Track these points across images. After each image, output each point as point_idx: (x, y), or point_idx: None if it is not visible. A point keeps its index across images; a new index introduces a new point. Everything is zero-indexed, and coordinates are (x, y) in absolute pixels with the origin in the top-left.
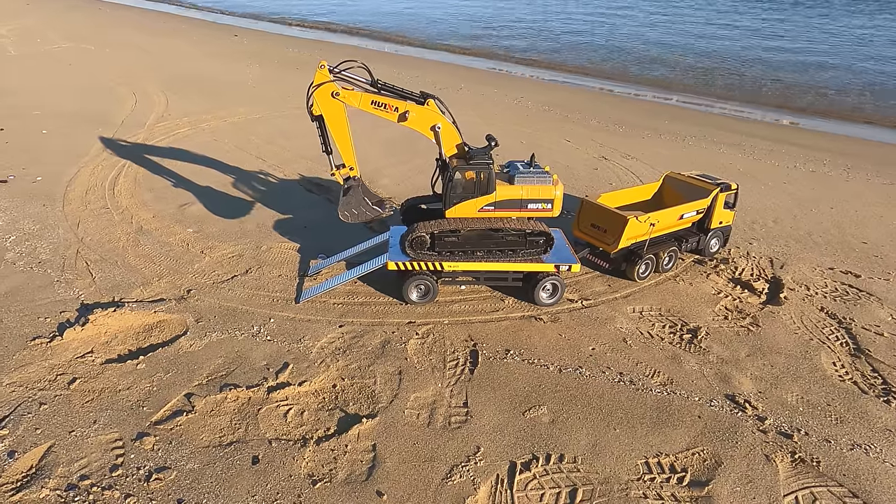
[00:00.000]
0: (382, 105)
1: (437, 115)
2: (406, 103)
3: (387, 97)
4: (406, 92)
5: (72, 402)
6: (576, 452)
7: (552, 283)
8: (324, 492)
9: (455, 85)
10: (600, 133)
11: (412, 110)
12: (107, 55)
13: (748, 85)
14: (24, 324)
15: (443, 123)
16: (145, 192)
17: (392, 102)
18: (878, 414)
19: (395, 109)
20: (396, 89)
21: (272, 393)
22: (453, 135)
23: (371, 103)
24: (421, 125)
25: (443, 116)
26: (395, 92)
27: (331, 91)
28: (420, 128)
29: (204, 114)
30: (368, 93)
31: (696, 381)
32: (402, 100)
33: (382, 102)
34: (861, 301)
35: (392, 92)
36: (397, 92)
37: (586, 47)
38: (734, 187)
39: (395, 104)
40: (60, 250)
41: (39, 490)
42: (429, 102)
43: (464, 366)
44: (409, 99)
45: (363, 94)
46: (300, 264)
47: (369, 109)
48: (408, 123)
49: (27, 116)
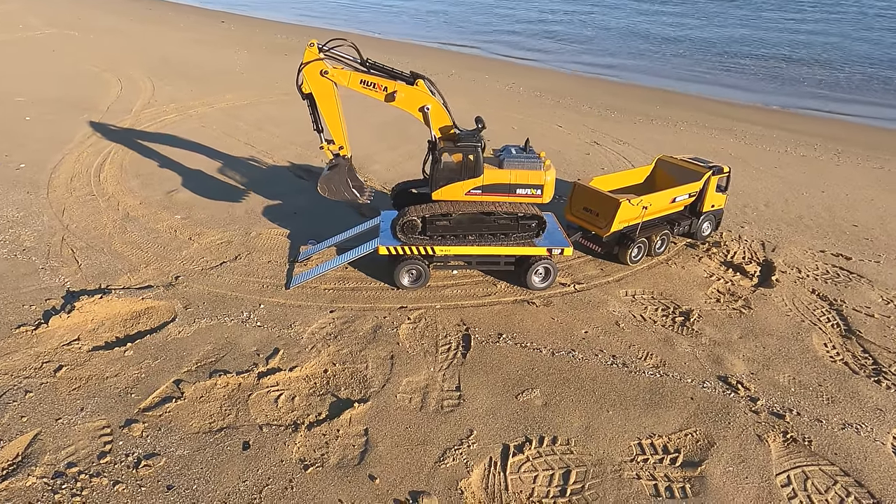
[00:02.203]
0: (371, 84)
1: (426, 96)
2: (395, 83)
3: (376, 76)
4: (396, 72)
5: (58, 390)
6: (569, 435)
7: (544, 266)
8: (316, 476)
9: (446, 70)
10: (592, 118)
11: (401, 90)
12: (91, 41)
13: (743, 70)
14: (8, 311)
15: (432, 104)
16: (132, 178)
17: (381, 82)
18: (869, 394)
19: (384, 89)
20: (386, 69)
21: (263, 379)
22: (443, 116)
23: (360, 82)
24: (409, 105)
25: (432, 97)
26: (384, 71)
27: (320, 69)
28: (409, 108)
29: (191, 100)
30: (358, 71)
31: (689, 363)
32: (391, 79)
33: (371, 81)
34: (852, 283)
35: (382, 71)
36: (387, 71)
37: (579, 35)
38: (726, 170)
39: (384, 83)
40: (45, 237)
41: (26, 478)
42: (418, 83)
43: (456, 350)
44: (398, 78)
45: (352, 72)
46: (290, 250)
47: (358, 88)
48: (396, 103)
49: (9, 103)
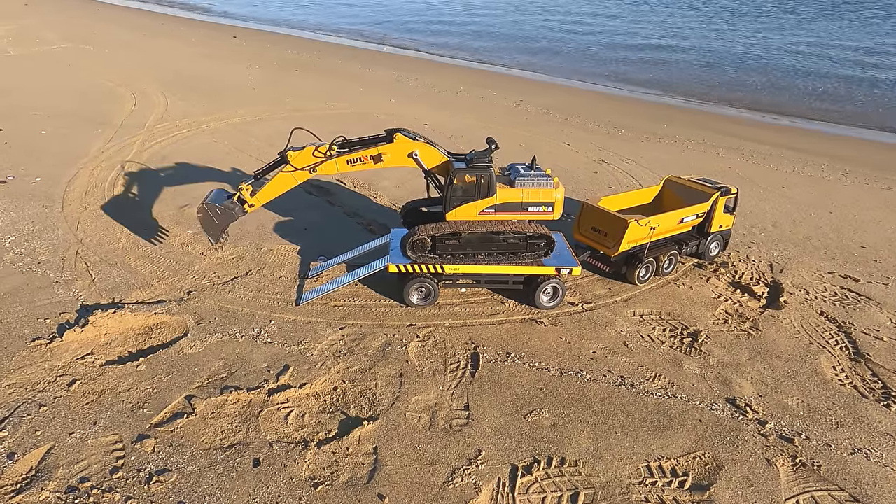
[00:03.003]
0: (357, 159)
1: (409, 144)
2: (376, 147)
3: (358, 151)
4: (372, 137)
5: (71, 404)
6: (577, 456)
7: (553, 286)
8: (325, 495)
9: (454, 88)
10: (599, 136)
11: (384, 151)
12: (106, 56)
13: (747, 89)
14: (23, 325)
15: (419, 148)
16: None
17: (364, 153)
18: (878, 418)
19: (370, 157)
20: (362, 139)
21: (273, 395)
22: (433, 154)
23: (346, 163)
24: (398, 159)
25: (417, 142)
26: (360, 143)
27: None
28: (399, 162)
29: (203, 115)
30: (341, 156)
31: (697, 385)
32: (371, 146)
33: (355, 158)
34: (860, 305)
35: (358, 144)
36: (363, 141)
37: (585, 50)
38: (734, 191)
39: (367, 153)
40: (60, 251)
41: (39, 492)
42: (396, 136)
43: (465, 369)
44: (377, 143)
45: (335, 160)
46: (300, 266)
47: (347, 169)
48: (385, 164)
49: (26, 117)
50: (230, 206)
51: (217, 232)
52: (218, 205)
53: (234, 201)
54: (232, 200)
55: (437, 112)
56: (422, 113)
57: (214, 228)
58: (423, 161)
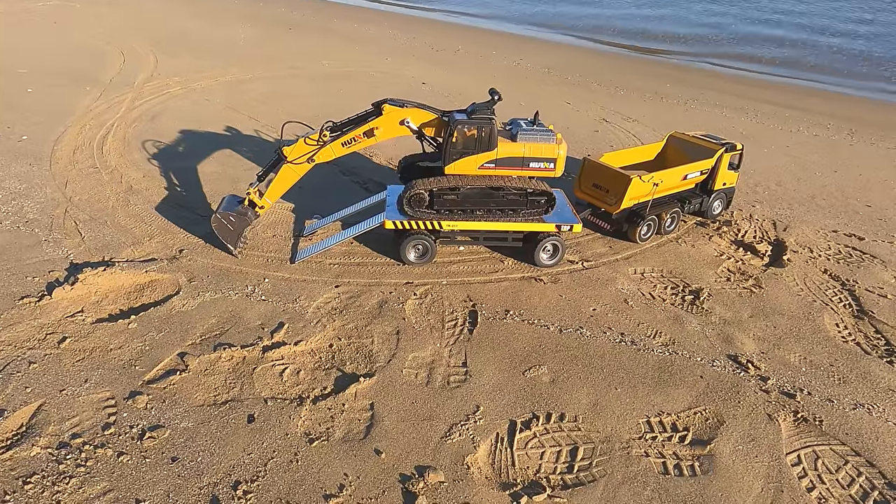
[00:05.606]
0: (351, 140)
1: (398, 112)
2: (367, 124)
3: (350, 132)
4: (361, 114)
5: (62, 361)
6: (576, 411)
7: (552, 243)
8: (321, 450)
9: (452, 46)
10: (601, 96)
11: (375, 124)
12: (94, 14)
13: (751, 45)
14: (11, 283)
15: (409, 114)
16: (135, 151)
17: (356, 132)
18: (881, 374)
19: (363, 135)
20: (351, 119)
21: (267, 352)
22: (425, 115)
23: (342, 145)
24: (391, 130)
25: (405, 108)
26: (350, 122)
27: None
28: (393, 133)
29: (195, 73)
30: (335, 140)
31: (699, 342)
32: (362, 123)
33: (349, 139)
34: (864, 263)
35: (348, 124)
36: (353, 121)
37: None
38: (739, 147)
39: (359, 131)
40: (48, 210)
41: (30, 448)
42: (384, 108)
43: (462, 326)
44: (367, 119)
45: (331, 146)
46: (295, 224)
47: (344, 152)
48: (379, 137)
49: (11, 74)
50: (242, 211)
51: (234, 238)
52: (231, 212)
53: (246, 206)
54: (243, 205)
55: (434, 70)
56: (419, 72)
57: (231, 235)
58: (416, 125)
